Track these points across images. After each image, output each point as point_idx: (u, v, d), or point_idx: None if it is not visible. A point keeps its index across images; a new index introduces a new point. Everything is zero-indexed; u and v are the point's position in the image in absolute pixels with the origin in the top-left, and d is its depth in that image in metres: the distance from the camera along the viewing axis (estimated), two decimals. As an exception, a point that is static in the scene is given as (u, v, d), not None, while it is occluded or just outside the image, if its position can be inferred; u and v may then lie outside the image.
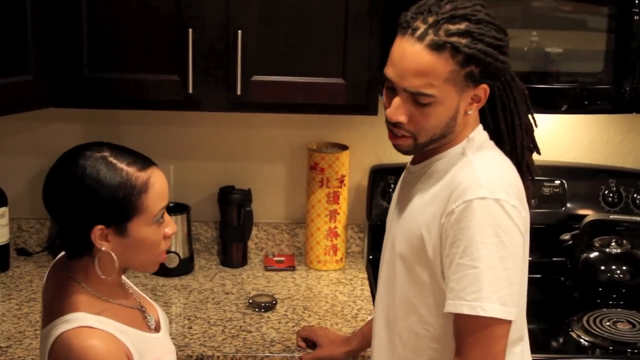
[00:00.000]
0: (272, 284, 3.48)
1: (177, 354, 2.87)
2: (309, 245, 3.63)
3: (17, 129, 3.59)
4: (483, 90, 2.23)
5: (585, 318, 3.18)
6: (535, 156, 3.53)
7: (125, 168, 2.09)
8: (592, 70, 3.21)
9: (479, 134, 2.34)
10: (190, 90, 3.11)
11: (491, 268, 2.15)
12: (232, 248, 3.63)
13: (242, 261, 3.65)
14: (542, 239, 3.47)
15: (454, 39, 2.15)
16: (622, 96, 3.15)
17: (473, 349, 2.18)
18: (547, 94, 3.20)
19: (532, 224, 3.39)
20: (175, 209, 3.57)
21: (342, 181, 3.54)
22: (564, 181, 3.54)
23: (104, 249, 2.10)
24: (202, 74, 3.12)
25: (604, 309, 3.26)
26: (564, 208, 3.54)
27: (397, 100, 2.24)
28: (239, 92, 3.12)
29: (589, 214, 3.49)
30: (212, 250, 3.74)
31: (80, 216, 2.09)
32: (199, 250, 3.72)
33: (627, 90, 3.14)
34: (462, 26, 2.16)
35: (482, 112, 2.35)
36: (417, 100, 2.21)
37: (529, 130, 2.42)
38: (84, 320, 2.09)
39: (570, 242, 3.44)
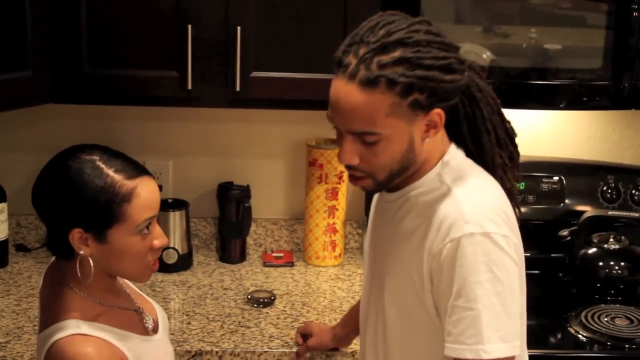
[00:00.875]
0: (270, 280, 3.49)
1: (175, 350, 2.88)
2: (308, 241, 3.64)
3: (16, 125, 3.60)
4: (437, 115, 2.06)
5: (583, 314, 3.18)
6: (534, 152, 3.59)
7: (112, 174, 2.06)
8: (591, 66, 3.22)
9: (453, 156, 2.19)
10: (190, 87, 3.11)
11: (489, 307, 2.03)
12: (230, 244, 3.64)
13: (241, 257, 3.66)
14: (540, 235, 3.49)
15: (388, 71, 1.98)
16: (621, 92, 3.16)
17: None
18: (546, 91, 3.20)
19: (531, 219, 3.43)
20: (174, 205, 3.58)
21: (340, 177, 3.55)
22: (563, 177, 3.55)
23: (82, 252, 2.08)
24: (201, 70, 3.12)
25: (602, 305, 3.27)
26: (562, 204, 3.54)
27: (345, 145, 2.10)
28: (238, 88, 3.13)
29: (588, 210, 3.49)
30: (211, 246, 3.74)
31: (61, 217, 2.08)
32: (197, 246, 3.72)
33: (626, 86, 3.14)
34: (397, 53, 1.99)
35: (448, 131, 2.20)
36: (363, 140, 2.06)
37: (503, 143, 2.24)
38: (77, 328, 2.08)
39: (569, 238, 3.44)
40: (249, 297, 3.29)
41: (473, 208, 2.08)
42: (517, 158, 2.29)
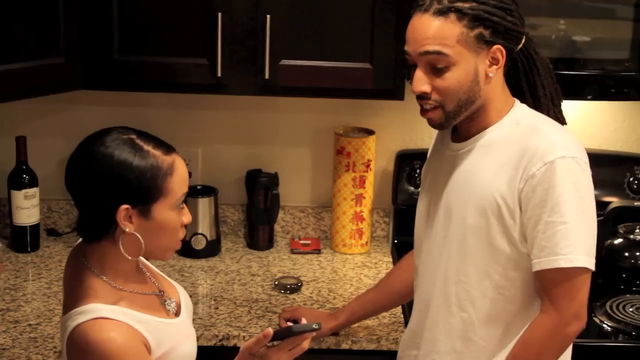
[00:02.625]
0: (297, 267, 3.51)
1: (203, 334, 2.92)
2: (335, 228, 3.66)
3: (47, 111, 3.64)
4: (499, 50, 2.33)
5: (608, 304, 3.20)
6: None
7: (152, 150, 2.10)
8: (619, 57, 3.22)
9: (522, 106, 2.45)
10: (219, 74, 3.14)
11: (577, 222, 2.28)
12: (258, 231, 3.67)
13: (269, 244, 3.68)
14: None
15: (458, 4, 2.28)
16: (648, 84, 3.17)
17: (562, 300, 2.31)
18: (574, 81, 3.21)
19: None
20: (203, 191, 3.61)
21: (368, 165, 3.57)
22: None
23: (127, 229, 2.10)
24: (230, 57, 3.15)
25: (627, 295, 3.28)
26: (588, 195, 3.54)
27: (418, 73, 2.35)
28: (267, 76, 3.15)
29: (614, 200, 3.49)
30: (239, 232, 3.77)
31: (105, 196, 2.08)
32: (225, 233, 3.75)
33: (654, 78, 3.15)
34: None
35: (508, 85, 2.44)
36: (434, 66, 2.32)
37: (555, 101, 2.50)
38: (99, 312, 2.09)
39: (595, 228, 3.45)
40: (276, 283, 3.32)
41: (561, 137, 2.34)
42: (562, 118, 2.53)
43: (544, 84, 2.46)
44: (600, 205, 3.44)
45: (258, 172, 3.66)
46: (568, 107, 3.58)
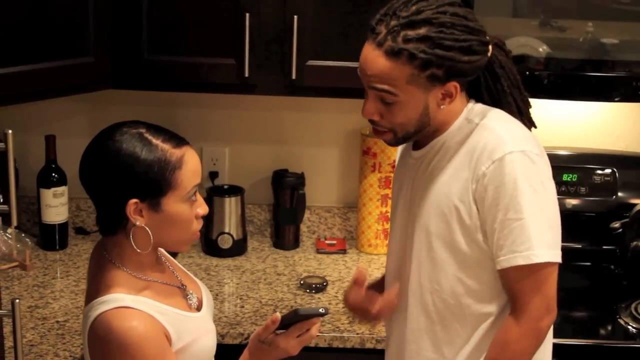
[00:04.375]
0: (323, 267, 3.53)
1: (229, 332, 2.94)
2: (361, 229, 3.67)
3: (77, 110, 3.67)
4: (453, 87, 2.28)
5: (633, 305, 3.19)
6: (587, 144, 3.61)
7: (161, 144, 2.11)
8: (646, 59, 3.23)
9: (475, 104, 2.40)
10: (247, 74, 3.16)
11: (533, 216, 2.25)
12: (284, 230, 3.68)
13: (295, 243, 3.70)
14: (592, 226, 3.49)
15: (411, 46, 2.20)
16: (676, 86, 3.16)
17: (530, 297, 2.28)
18: (601, 83, 3.20)
19: (583, 211, 3.43)
20: (230, 191, 3.63)
21: (394, 166, 3.56)
22: (615, 170, 3.54)
23: (138, 223, 2.11)
24: (258, 57, 3.17)
25: (653, 297, 3.28)
26: (614, 196, 3.53)
27: (368, 102, 2.34)
28: (294, 76, 3.17)
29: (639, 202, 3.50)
30: (265, 232, 3.79)
31: (115, 190, 2.11)
32: (252, 232, 3.77)
33: (680, 80, 3.15)
34: (422, 31, 2.21)
35: (470, 97, 2.40)
36: (383, 99, 2.29)
37: (522, 110, 2.43)
38: (122, 301, 2.10)
39: (620, 230, 3.44)
40: (302, 282, 3.34)
41: (508, 132, 2.31)
42: (532, 125, 2.47)
43: (509, 101, 2.40)
44: (626, 207, 3.48)
45: (284, 172, 3.68)
46: (595, 108, 3.62)
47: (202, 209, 2.20)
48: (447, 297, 2.40)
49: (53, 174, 3.54)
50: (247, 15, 3.11)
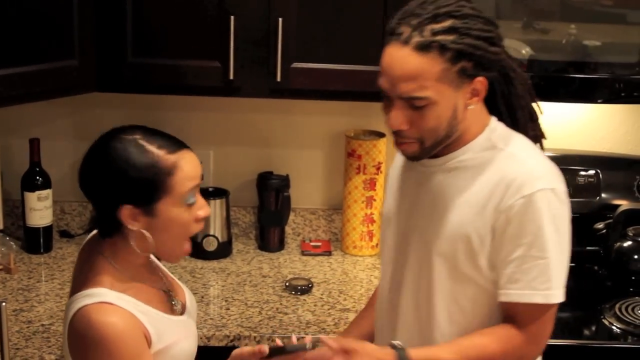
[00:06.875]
0: (308, 268, 3.53)
1: (214, 334, 2.95)
2: (345, 230, 3.68)
3: (61, 113, 3.67)
4: (480, 83, 2.21)
5: (617, 306, 3.21)
6: (571, 145, 3.62)
7: (155, 150, 2.13)
8: (629, 61, 3.24)
9: (498, 124, 2.34)
10: (231, 77, 3.16)
11: (555, 258, 2.23)
12: (269, 233, 3.69)
13: (280, 246, 3.71)
14: (576, 228, 3.46)
15: (440, 37, 2.14)
16: (659, 88, 3.18)
17: (531, 328, 2.28)
18: (584, 85, 3.22)
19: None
20: (215, 193, 3.63)
21: (378, 168, 3.58)
22: (599, 171, 3.56)
23: (134, 228, 2.14)
24: (243, 60, 3.17)
25: (637, 297, 3.28)
26: (598, 197, 3.55)
27: (395, 110, 2.22)
28: (279, 79, 3.17)
29: (623, 203, 3.50)
30: (250, 234, 3.79)
31: (109, 196, 2.14)
32: (237, 235, 3.77)
33: (664, 81, 3.17)
34: (447, 23, 2.15)
35: (485, 104, 2.34)
36: (413, 104, 2.19)
37: (533, 117, 2.43)
38: (104, 296, 2.12)
39: (604, 231, 3.46)
40: (287, 284, 3.34)
41: (539, 166, 2.28)
42: (542, 135, 2.47)
43: (521, 104, 2.37)
44: (610, 208, 3.50)
45: (269, 174, 3.68)
46: (578, 110, 3.63)
47: (203, 211, 2.21)
48: (438, 314, 2.36)
49: (37, 177, 3.53)
50: (232, 17, 3.11)
